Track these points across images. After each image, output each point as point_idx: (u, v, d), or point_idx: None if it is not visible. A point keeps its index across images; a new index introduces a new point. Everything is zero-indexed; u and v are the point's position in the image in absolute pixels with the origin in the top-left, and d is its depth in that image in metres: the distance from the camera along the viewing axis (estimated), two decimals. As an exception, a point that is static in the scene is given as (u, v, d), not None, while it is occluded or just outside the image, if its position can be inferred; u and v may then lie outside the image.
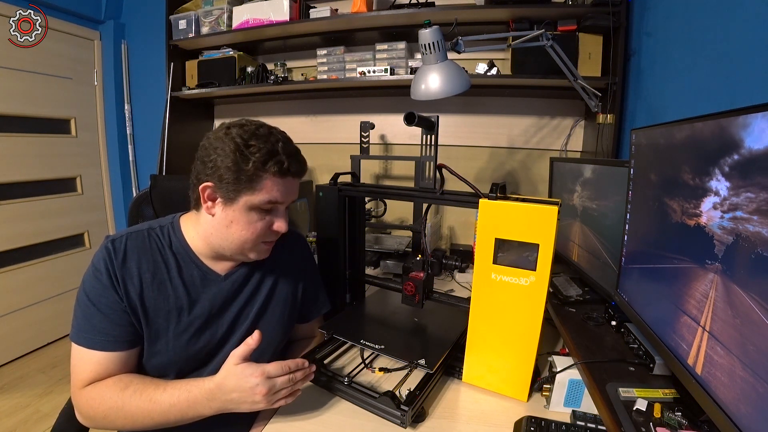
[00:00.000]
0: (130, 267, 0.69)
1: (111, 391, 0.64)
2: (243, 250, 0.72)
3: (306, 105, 2.06)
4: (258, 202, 0.67)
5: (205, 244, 0.73)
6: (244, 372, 0.62)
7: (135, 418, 0.63)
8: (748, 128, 0.43)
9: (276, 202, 0.69)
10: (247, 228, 0.69)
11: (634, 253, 0.76)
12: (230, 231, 0.69)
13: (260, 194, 0.67)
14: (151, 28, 2.21)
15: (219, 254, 0.74)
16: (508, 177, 1.82)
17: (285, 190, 0.69)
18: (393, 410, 0.68)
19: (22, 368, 2.05)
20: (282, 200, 0.70)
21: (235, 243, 0.70)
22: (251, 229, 0.69)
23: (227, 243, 0.71)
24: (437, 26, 0.96)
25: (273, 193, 0.68)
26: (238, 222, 0.69)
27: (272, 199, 0.68)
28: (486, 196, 0.74)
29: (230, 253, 0.72)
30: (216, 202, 0.69)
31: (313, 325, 0.95)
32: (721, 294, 0.47)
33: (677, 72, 1.09)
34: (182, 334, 0.72)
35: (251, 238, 0.70)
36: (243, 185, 0.66)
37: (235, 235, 0.69)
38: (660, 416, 0.57)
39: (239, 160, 0.64)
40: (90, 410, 0.65)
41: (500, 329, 0.76)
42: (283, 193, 0.69)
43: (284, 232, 0.73)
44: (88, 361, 0.66)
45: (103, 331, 0.66)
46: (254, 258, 0.75)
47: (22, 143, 2.07)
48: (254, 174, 0.65)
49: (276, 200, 0.69)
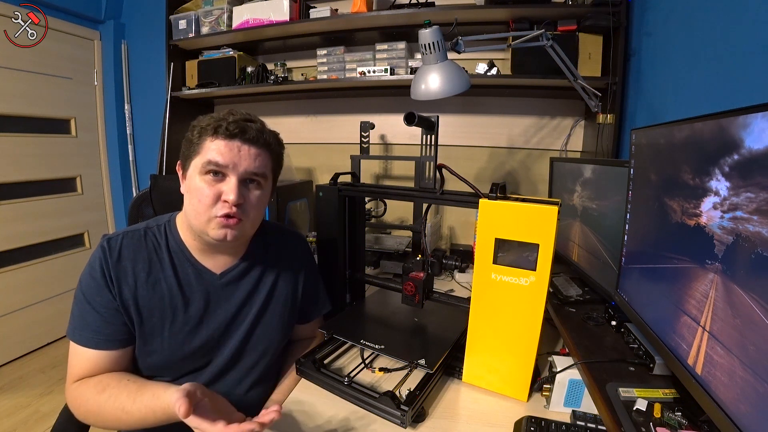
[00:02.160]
0: (125, 266, 0.69)
1: (90, 393, 0.65)
2: (201, 223, 0.68)
3: (306, 105, 2.06)
4: (201, 165, 0.67)
5: (189, 232, 0.73)
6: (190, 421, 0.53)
7: (111, 423, 0.64)
8: (748, 128, 0.43)
9: (218, 164, 0.66)
10: (195, 195, 0.68)
11: (634, 253, 0.76)
12: (189, 203, 0.70)
13: (201, 156, 0.68)
14: (151, 28, 2.21)
15: (199, 239, 0.73)
16: (508, 177, 1.82)
17: (227, 152, 0.66)
18: (393, 410, 0.68)
19: (22, 368, 2.05)
20: (223, 162, 0.66)
21: (195, 215, 0.69)
22: (197, 196, 0.67)
23: (191, 218, 0.70)
24: (437, 26, 0.96)
25: (212, 153, 0.66)
26: (189, 190, 0.70)
27: (211, 159, 0.66)
28: (486, 196, 0.74)
29: (198, 231, 0.70)
30: (182, 177, 0.72)
31: (313, 326, 0.95)
32: (721, 294, 0.47)
33: (677, 72, 1.09)
34: (177, 333, 0.72)
35: (201, 207, 0.67)
36: (191, 151, 0.69)
37: (193, 204, 0.69)
38: (660, 416, 0.56)
39: (191, 130, 0.69)
40: (75, 409, 0.67)
41: (500, 329, 0.76)
42: (225, 156, 0.66)
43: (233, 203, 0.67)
44: (81, 358, 0.67)
45: (96, 330, 0.67)
46: (213, 236, 0.69)
47: (22, 143, 2.06)
48: (199, 139, 0.68)
49: (217, 162, 0.66)
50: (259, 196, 0.72)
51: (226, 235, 0.69)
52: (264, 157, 0.71)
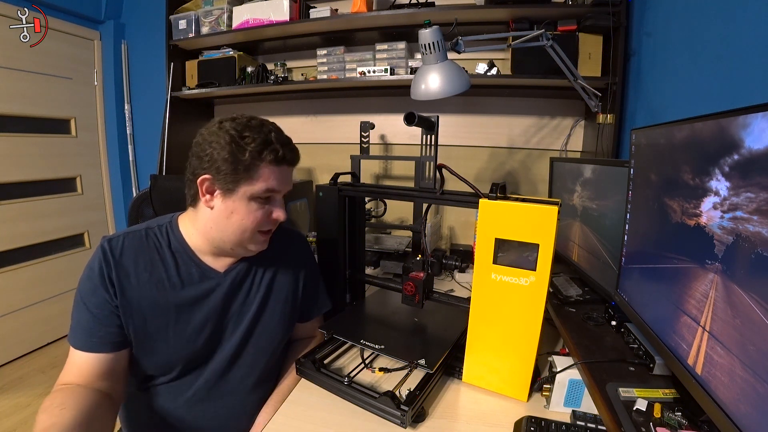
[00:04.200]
0: (126, 266, 0.69)
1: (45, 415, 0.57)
2: (242, 240, 0.72)
3: (306, 105, 2.06)
4: (257, 191, 0.68)
5: (205, 239, 0.74)
6: None
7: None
8: (748, 128, 0.43)
9: (273, 191, 0.71)
10: (247, 217, 0.70)
11: (634, 253, 0.76)
12: (231, 222, 0.70)
13: (258, 183, 0.68)
14: (151, 28, 2.21)
15: (219, 249, 0.74)
16: (508, 177, 1.82)
17: (281, 178, 0.71)
18: (393, 410, 0.68)
19: (22, 368, 2.05)
20: (279, 188, 0.71)
21: (236, 234, 0.71)
22: (251, 218, 0.70)
23: (227, 235, 0.71)
24: (437, 26, 0.96)
25: (270, 181, 0.69)
26: (238, 212, 0.69)
27: (270, 188, 0.69)
28: (486, 196, 0.74)
29: (230, 245, 0.73)
30: (215, 195, 0.70)
31: (313, 325, 0.95)
32: (721, 294, 0.47)
33: (677, 72, 1.09)
34: (182, 332, 0.72)
35: (251, 227, 0.71)
36: (241, 175, 0.67)
37: (235, 225, 0.70)
38: (660, 416, 0.56)
39: (235, 151, 0.66)
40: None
41: (500, 329, 0.76)
42: (280, 182, 0.71)
43: (282, 221, 0.74)
44: (73, 361, 0.67)
45: (89, 332, 0.67)
46: (253, 250, 0.75)
47: (23, 143, 2.06)
48: (251, 164, 0.67)
49: (273, 188, 0.70)
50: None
51: (264, 244, 0.75)
52: None
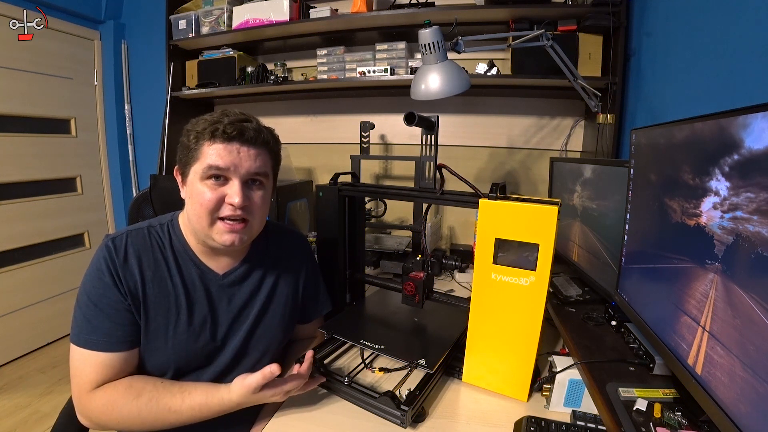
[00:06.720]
0: (131, 265, 0.69)
1: (124, 399, 0.64)
2: (204, 228, 0.69)
3: (306, 105, 2.06)
4: (201, 170, 0.67)
5: (192, 234, 0.74)
6: (266, 395, 0.66)
7: (151, 424, 0.66)
8: (748, 128, 0.43)
9: (219, 168, 0.66)
10: (197, 200, 0.67)
11: (634, 253, 0.76)
12: (192, 207, 0.69)
13: (200, 161, 0.67)
14: (151, 28, 2.21)
15: (203, 243, 0.73)
16: (508, 177, 1.82)
17: (227, 155, 0.66)
18: (393, 410, 0.68)
19: (22, 368, 2.05)
20: (224, 166, 0.66)
21: (198, 221, 0.69)
22: (200, 201, 0.67)
23: (194, 223, 0.70)
24: (437, 26, 0.96)
25: (211, 158, 0.66)
26: (192, 195, 0.69)
27: (212, 164, 0.66)
28: (486, 196, 0.74)
29: (202, 236, 0.71)
30: (182, 184, 0.72)
31: (313, 326, 0.95)
32: (721, 294, 0.47)
33: (677, 72, 1.09)
34: (182, 333, 0.72)
35: (204, 212, 0.67)
36: (189, 157, 0.68)
37: (195, 209, 0.68)
38: (660, 416, 0.57)
39: (186, 135, 0.69)
40: (102, 416, 0.65)
41: (500, 329, 0.76)
42: (225, 159, 0.66)
43: (238, 205, 0.67)
44: (91, 363, 0.66)
45: (105, 332, 0.66)
46: (218, 241, 0.69)
47: (22, 143, 2.06)
48: (196, 144, 0.67)
49: (217, 165, 0.66)
50: (262, 195, 0.72)
51: (234, 240, 0.70)
52: (264, 156, 0.71)
